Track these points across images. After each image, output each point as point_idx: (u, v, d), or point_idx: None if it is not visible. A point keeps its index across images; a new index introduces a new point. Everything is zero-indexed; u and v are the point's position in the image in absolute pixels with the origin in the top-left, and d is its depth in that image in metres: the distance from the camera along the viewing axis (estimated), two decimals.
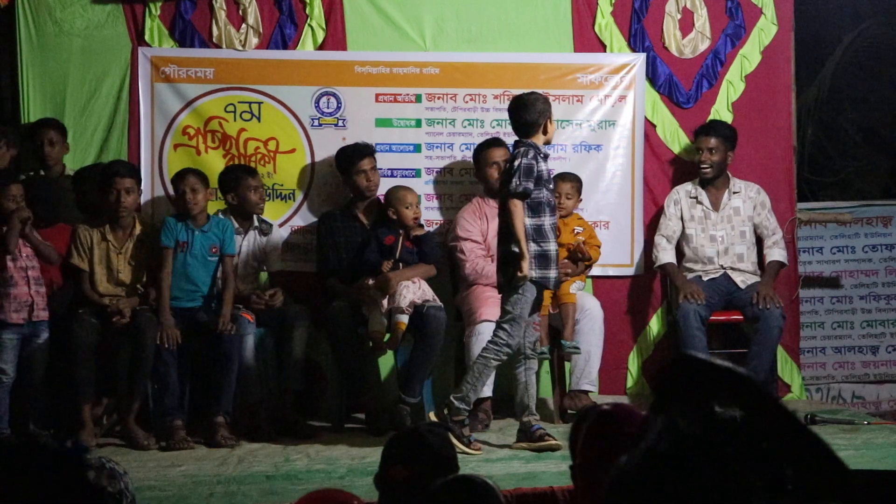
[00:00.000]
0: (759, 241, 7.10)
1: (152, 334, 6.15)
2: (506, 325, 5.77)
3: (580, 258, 6.73)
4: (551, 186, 5.88)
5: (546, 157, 5.85)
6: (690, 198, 7.03)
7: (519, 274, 5.67)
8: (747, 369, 6.81)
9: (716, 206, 7.01)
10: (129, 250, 6.35)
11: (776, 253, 7.02)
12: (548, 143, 5.88)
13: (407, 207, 6.63)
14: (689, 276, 6.97)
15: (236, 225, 6.59)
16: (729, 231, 6.99)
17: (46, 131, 6.64)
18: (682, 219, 7.03)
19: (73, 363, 6.07)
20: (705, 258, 6.97)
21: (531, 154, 5.72)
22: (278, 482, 5.30)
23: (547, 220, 5.79)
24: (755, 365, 6.69)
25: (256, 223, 6.67)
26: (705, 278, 6.93)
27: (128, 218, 6.36)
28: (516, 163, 5.71)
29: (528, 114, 5.80)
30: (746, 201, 7.02)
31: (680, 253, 7.08)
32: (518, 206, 5.70)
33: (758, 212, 7.03)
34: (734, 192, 7.03)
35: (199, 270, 6.49)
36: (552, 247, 5.82)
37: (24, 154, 6.72)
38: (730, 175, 7.06)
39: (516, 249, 5.68)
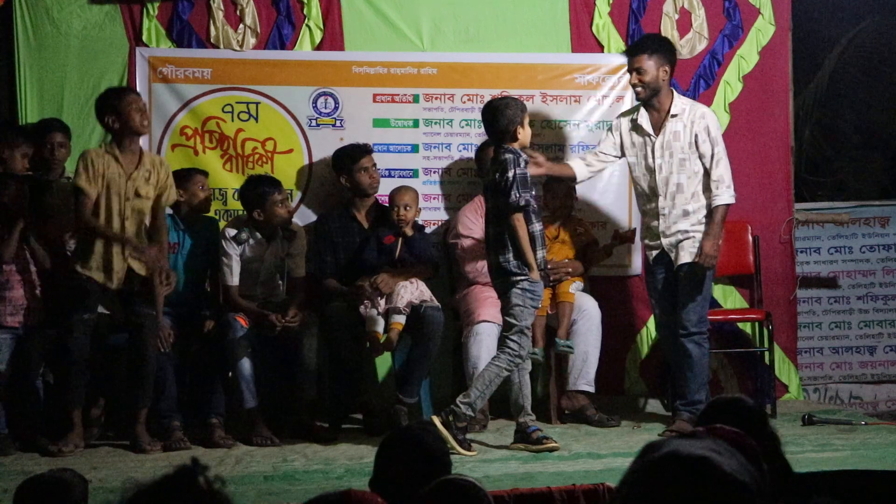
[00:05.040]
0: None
1: (153, 339, 6.13)
2: (514, 337, 5.78)
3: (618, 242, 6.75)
4: (533, 192, 5.85)
5: (527, 162, 5.84)
6: (631, 121, 6.45)
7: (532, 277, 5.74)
8: (687, 393, 6.55)
9: (657, 129, 6.35)
10: (138, 182, 6.08)
11: (722, 194, 6.26)
12: (522, 147, 5.83)
13: (394, 208, 6.64)
14: (642, 240, 6.56)
15: (259, 236, 6.49)
16: (667, 159, 6.31)
17: (54, 135, 6.59)
18: (622, 146, 6.47)
19: (67, 371, 5.98)
20: (647, 190, 6.38)
21: (522, 163, 5.72)
22: (276, 482, 5.29)
23: (536, 227, 5.79)
24: (693, 388, 6.32)
25: (281, 231, 6.54)
26: (651, 258, 6.47)
27: (136, 146, 6.11)
28: (510, 174, 5.68)
29: (497, 121, 5.79)
30: (688, 125, 6.30)
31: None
32: (522, 222, 5.71)
33: (702, 139, 6.29)
34: (673, 116, 6.32)
35: (190, 270, 6.49)
36: (539, 254, 5.82)
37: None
38: (674, 94, 6.45)
39: (508, 264, 5.73)
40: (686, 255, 6.32)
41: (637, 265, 7.19)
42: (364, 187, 6.78)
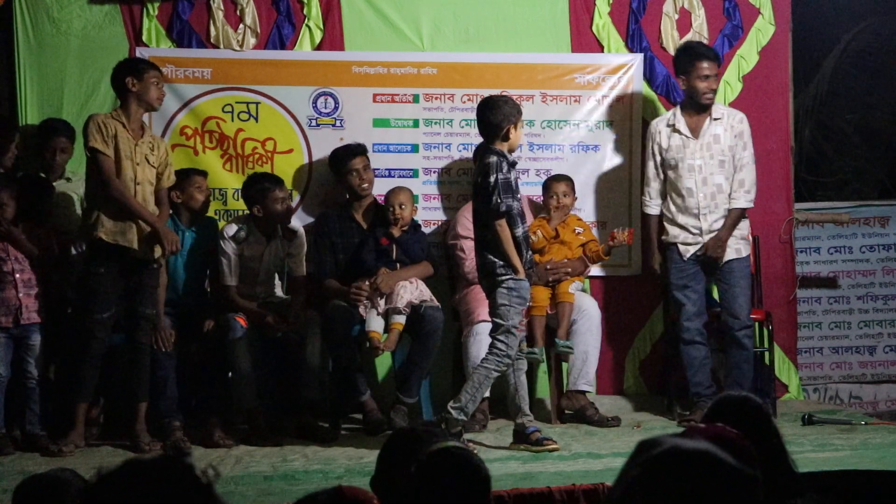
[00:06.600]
0: None
1: (148, 335, 6.14)
2: (501, 337, 5.75)
3: (609, 249, 6.74)
4: (519, 196, 5.81)
5: (514, 164, 5.81)
6: (668, 126, 6.71)
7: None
8: (728, 383, 6.62)
9: (695, 132, 6.66)
10: (144, 149, 6.08)
11: (740, 198, 6.63)
12: (511, 150, 5.81)
13: (390, 208, 6.66)
14: (671, 239, 6.68)
15: (258, 234, 6.50)
16: (707, 160, 6.62)
17: (58, 139, 6.58)
18: (661, 152, 6.73)
19: (80, 364, 5.99)
20: (684, 190, 6.63)
21: (504, 167, 5.69)
22: (276, 482, 5.29)
23: (519, 231, 5.76)
24: (735, 376, 6.52)
25: (280, 231, 6.57)
26: (687, 255, 6.63)
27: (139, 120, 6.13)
28: (492, 178, 5.65)
29: (492, 115, 5.74)
30: (728, 129, 6.66)
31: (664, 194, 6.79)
32: (505, 227, 5.69)
33: (736, 142, 6.65)
34: (715, 119, 6.67)
35: (190, 271, 6.49)
36: (526, 255, 5.80)
37: (24, 154, 6.70)
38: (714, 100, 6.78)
39: (492, 264, 5.72)
40: (731, 252, 6.63)
41: (637, 265, 7.19)
42: (354, 188, 6.78)
